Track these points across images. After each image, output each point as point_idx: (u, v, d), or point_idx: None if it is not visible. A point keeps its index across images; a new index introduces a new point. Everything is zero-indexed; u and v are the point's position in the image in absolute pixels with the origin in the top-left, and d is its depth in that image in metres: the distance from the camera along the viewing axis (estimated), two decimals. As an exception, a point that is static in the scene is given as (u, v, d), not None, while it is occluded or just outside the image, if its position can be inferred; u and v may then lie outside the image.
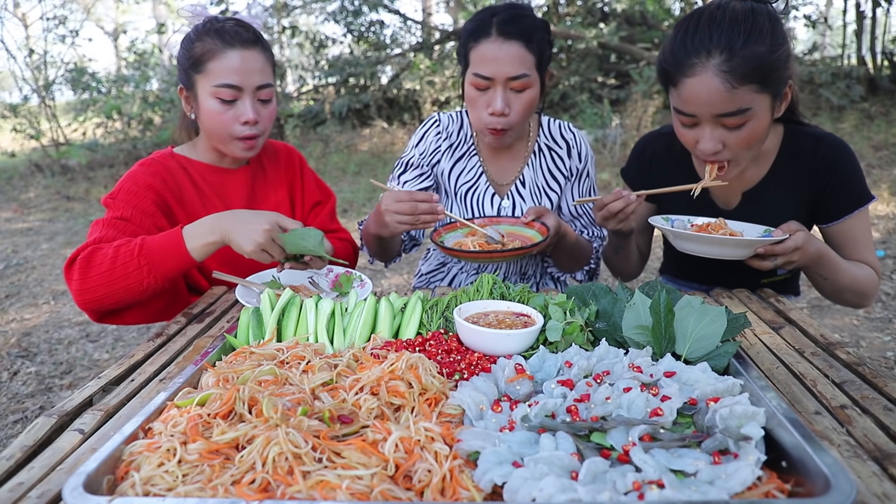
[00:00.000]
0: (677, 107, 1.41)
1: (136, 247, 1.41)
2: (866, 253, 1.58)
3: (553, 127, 1.87)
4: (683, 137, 1.47)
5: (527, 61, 1.59)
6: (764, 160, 1.59)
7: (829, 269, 1.47)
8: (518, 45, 1.58)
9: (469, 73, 1.65)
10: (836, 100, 7.89)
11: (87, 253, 1.43)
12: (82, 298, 1.42)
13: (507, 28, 1.57)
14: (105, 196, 1.61)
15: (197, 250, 1.42)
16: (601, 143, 7.88)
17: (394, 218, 1.50)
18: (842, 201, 1.55)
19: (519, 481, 0.70)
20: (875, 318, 3.47)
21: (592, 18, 9.97)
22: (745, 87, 1.30)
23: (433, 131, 1.87)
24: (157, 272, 1.41)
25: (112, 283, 1.40)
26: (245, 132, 1.61)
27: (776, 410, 0.83)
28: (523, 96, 1.63)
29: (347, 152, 9.14)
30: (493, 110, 1.62)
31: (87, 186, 8.26)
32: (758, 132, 1.38)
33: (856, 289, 1.53)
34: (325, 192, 1.96)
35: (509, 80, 1.59)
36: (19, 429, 2.68)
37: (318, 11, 11.17)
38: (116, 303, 1.44)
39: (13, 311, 4.15)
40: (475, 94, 1.65)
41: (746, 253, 1.40)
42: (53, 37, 10.00)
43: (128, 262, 1.40)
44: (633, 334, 1.08)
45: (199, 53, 1.57)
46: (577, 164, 1.85)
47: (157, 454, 0.77)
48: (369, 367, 0.96)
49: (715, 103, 1.33)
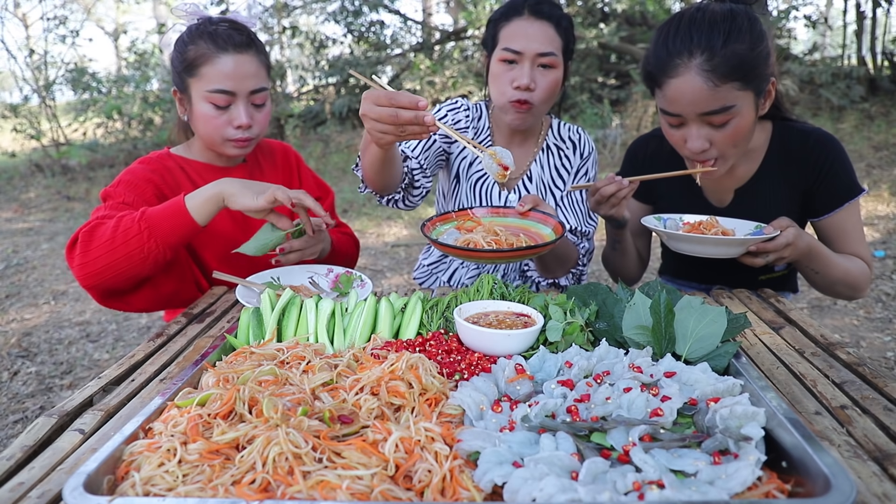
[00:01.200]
0: (663, 108, 1.44)
1: (138, 214, 1.40)
2: (858, 246, 1.60)
3: (563, 128, 1.92)
4: (671, 138, 1.49)
5: (555, 42, 1.66)
6: (754, 157, 1.62)
7: (819, 262, 1.50)
8: (548, 25, 1.65)
9: (498, 50, 1.68)
10: (836, 100, 7.89)
11: (89, 227, 1.41)
12: (83, 272, 1.39)
13: (539, 9, 1.65)
14: (103, 190, 1.59)
15: (196, 209, 1.39)
16: (601, 144, 7.89)
17: (374, 126, 1.22)
18: (832, 194, 1.57)
19: (519, 481, 0.70)
20: (875, 318, 3.47)
21: (593, 19, 9.98)
22: (727, 84, 1.34)
23: (462, 111, 1.86)
24: (158, 235, 1.38)
25: (113, 252, 1.37)
26: (238, 135, 1.61)
27: (776, 411, 0.83)
28: (549, 75, 1.67)
29: (348, 152, 9.15)
30: (519, 83, 1.65)
31: (88, 186, 8.26)
32: (743, 129, 1.41)
33: (848, 281, 1.55)
34: (323, 189, 1.96)
35: (538, 55, 1.64)
36: (20, 429, 2.68)
37: (318, 12, 11.18)
38: (118, 275, 1.40)
39: (13, 311, 4.15)
40: (501, 69, 1.68)
41: (739, 251, 1.42)
42: (54, 37, 10.02)
43: (129, 227, 1.37)
44: (634, 334, 1.08)
45: (193, 57, 1.56)
46: (580, 161, 1.88)
47: (157, 454, 0.77)
48: (369, 368, 0.96)
49: (699, 102, 1.36)
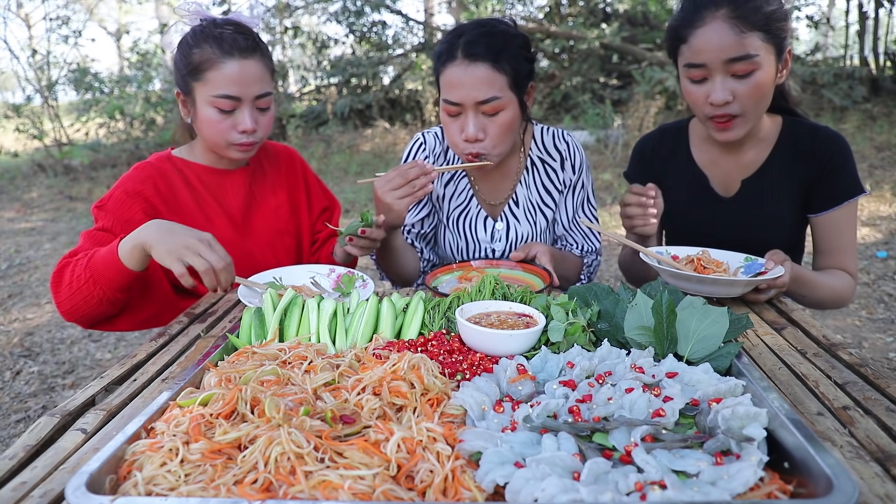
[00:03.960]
0: (689, 61, 1.47)
1: (86, 259, 1.43)
2: (846, 254, 1.63)
3: (546, 137, 1.80)
4: (692, 96, 1.51)
5: (496, 83, 1.51)
6: (763, 147, 1.64)
7: (807, 287, 1.53)
8: (485, 66, 1.50)
9: (441, 99, 1.59)
10: (838, 100, 7.88)
11: (57, 268, 1.48)
12: (61, 310, 1.48)
13: (473, 49, 1.50)
14: (94, 204, 1.62)
15: (125, 256, 1.38)
16: (603, 144, 7.88)
17: (392, 196, 1.49)
18: (832, 189, 1.59)
19: (521, 482, 0.70)
20: (877, 318, 3.46)
21: (594, 19, 9.98)
22: (752, 33, 1.41)
23: (419, 154, 1.81)
24: (102, 283, 1.41)
25: (73, 298, 1.44)
26: (242, 140, 1.61)
27: (778, 411, 0.83)
28: (497, 119, 1.55)
29: (349, 153, 9.15)
30: (466, 136, 1.56)
31: (90, 186, 8.27)
32: (763, 85, 1.45)
33: (834, 298, 1.59)
34: (330, 199, 1.96)
35: (478, 104, 1.52)
36: (22, 428, 2.69)
37: (320, 12, 11.19)
38: (88, 314, 1.46)
39: (16, 310, 4.16)
40: (448, 119, 1.60)
41: (744, 291, 1.39)
42: (56, 37, 10.04)
43: (80, 275, 1.43)
44: (636, 335, 1.08)
45: (198, 61, 1.55)
46: (571, 176, 1.79)
47: (159, 454, 0.77)
48: (371, 368, 0.96)
49: (725, 48, 1.41)
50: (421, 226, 1.83)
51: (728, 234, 1.64)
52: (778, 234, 1.65)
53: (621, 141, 7.79)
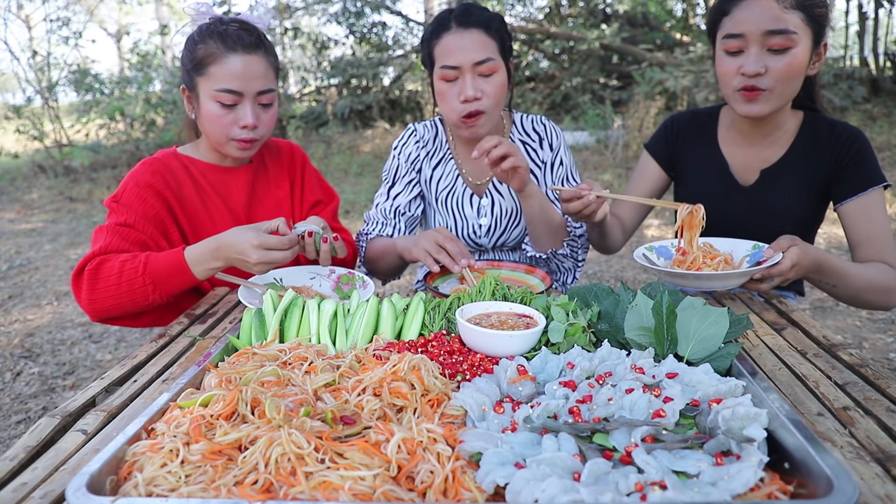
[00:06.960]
0: (728, 31, 1.49)
1: (141, 265, 1.46)
2: (884, 246, 1.55)
3: (525, 122, 1.90)
4: (725, 68, 1.53)
5: (489, 46, 1.64)
6: (784, 140, 1.67)
7: (834, 276, 1.46)
8: (478, 31, 1.64)
9: (436, 69, 1.69)
10: (838, 101, 7.87)
11: (93, 265, 1.48)
12: (92, 308, 1.49)
13: (465, 18, 1.64)
14: (108, 198, 1.63)
15: (202, 274, 1.48)
16: (603, 145, 7.88)
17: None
18: (853, 179, 1.60)
19: (521, 482, 0.70)
20: (878, 319, 3.47)
21: (594, 20, 9.99)
22: (794, 11, 1.44)
23: (412, 141, 1.91)
24: (163, 290, 1.48)
25: (119, 297, 1.47)
26: (243, 135, 1.62)
27: (778, 412, 0.83)
28: (492, 80, 1.66)
29: (349, 153, 9.15)
30: (464, 97, 1.64)
31: (90, 187, 8.27)
32: (796, 67, 1.47)
33: (874, 289, 1.49)
34: (327, 192, 1.96)
35: (476, 65, 1.63)
36: (22, 429, 2.69)
37: (320, 13, 11.19)
38: (124, 313, 1.52)
39: (16, 311, 4.16)
40: (445, 87, 1.68)
41: (742, 281, 1.38)
42: (57, 38, 10.03)
43: (133, 278, 1.46)
44: (636, 335, 1.08)
45: (202, 56, 1.57)
46: (550, 154, 1.87)
47: (159, 455, 0.77)
48: (372, 369, 0.96)
49: (766, 19, 1.44)
50: (408, 208, 1.90)
51: (741, 221, 1.67)
52: (789, 226, 1.64)
53: (621, 141, 7.79)
